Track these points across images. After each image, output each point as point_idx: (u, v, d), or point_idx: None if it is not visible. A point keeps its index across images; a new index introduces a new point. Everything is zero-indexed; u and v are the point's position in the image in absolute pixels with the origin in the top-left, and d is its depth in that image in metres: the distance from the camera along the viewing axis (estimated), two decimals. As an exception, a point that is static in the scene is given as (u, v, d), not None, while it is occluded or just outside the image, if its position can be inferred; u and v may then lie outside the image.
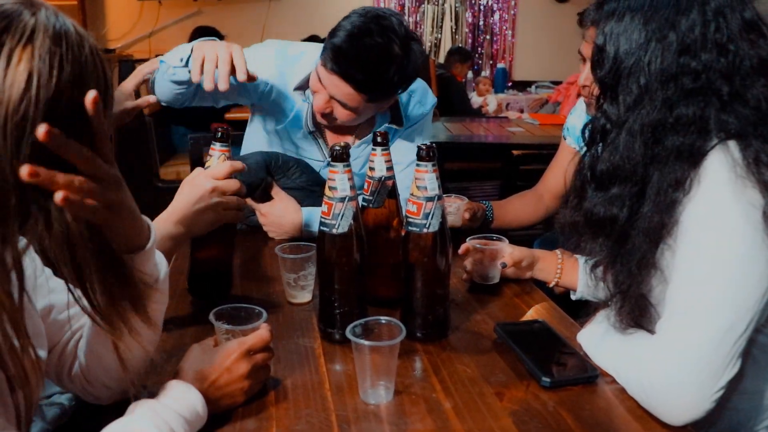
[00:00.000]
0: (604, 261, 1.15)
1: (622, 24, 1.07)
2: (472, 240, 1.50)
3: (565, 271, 1.50)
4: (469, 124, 4.15)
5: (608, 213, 1.09)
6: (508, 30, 7.10)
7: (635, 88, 1.06)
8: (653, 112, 1.05)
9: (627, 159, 1.06)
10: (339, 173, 1.15)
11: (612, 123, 1.09)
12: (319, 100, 1.70)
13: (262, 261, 1.64)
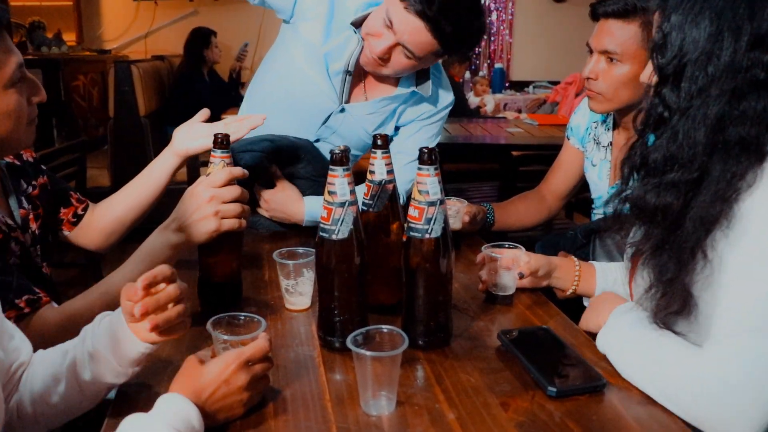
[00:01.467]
0: (649, 249, 1.13)
1: (691, 13, 1.06)
2: (486, 249, 1.46)
3: (582, 279, 1.48)
4: (467, 124, 4.12)
5: (662, 201, 1.08)
6: (505, 30, 7.08)
7: (702, 77, 1.05)
8: (719, 103, 1.04)
9: (687, 146, 1.05)
10: (339, 177, 1.12)
11: (671, 110, 1.08)
12: (383, 44, 1.65)
13: (260, 266, 1.61)
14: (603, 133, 1.90)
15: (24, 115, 1.21)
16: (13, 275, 1.17)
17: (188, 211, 1.25)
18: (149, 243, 1.27)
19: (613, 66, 1.69)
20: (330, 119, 1.87)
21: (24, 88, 1.20)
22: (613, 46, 1.66)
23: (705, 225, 1.04)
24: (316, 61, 1.81)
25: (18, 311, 1.14)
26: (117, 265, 3.93)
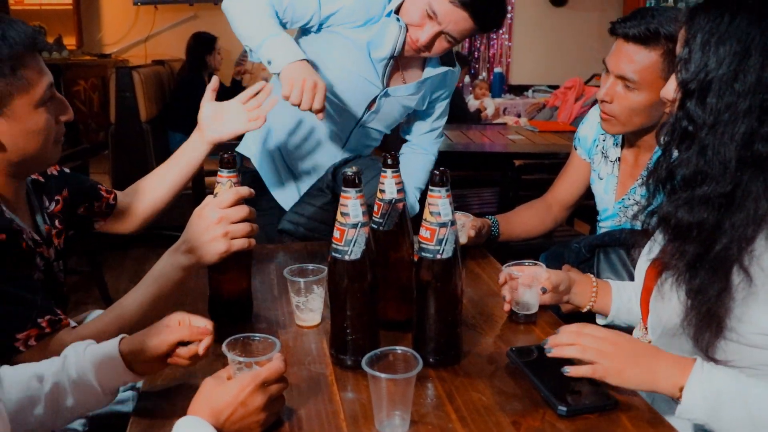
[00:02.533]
0: (684, 266, 1.13)
1: (717, 32, 1.08)
2: (508, 267, 1.45)
3: (599, 296, 1.48)
4: (468, 131, 4.13)
5: (696, 217, 1.09)
6: (504, 34, 7.09)
7: (729, 94, 1.07)
8: (748, 119, 1.06)
9: (718, 161, 1.07)
10: (351, 199, 1.14)
11: (696, 125, 1.10)
12: (427, 34, 1.80)
13: (269, 282, 1.62)
14: (611, 147, 1.90)
15: (52, 133, 1.26)
16: (38, 294, 1.19)
17: (197, 233, 1.26)
18: (160, 266, 1.28)
19: (629, 92, 1.65)
20: (375, 104, 1.99)
21: (53, 107, 1.25)
22: (631, 73, 1.62)
23: (745, 242, 1.06)
24: (359, 53, 1.90)
25: (39, 330, 1.16)
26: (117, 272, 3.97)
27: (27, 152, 1.23)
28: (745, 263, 1.06)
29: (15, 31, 1.17)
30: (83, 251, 3.59)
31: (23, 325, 1.14)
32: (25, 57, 1.18)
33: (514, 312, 1.43)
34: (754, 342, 1.08)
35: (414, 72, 2.03)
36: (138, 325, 1.20)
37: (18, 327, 1.13)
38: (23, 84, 1.18)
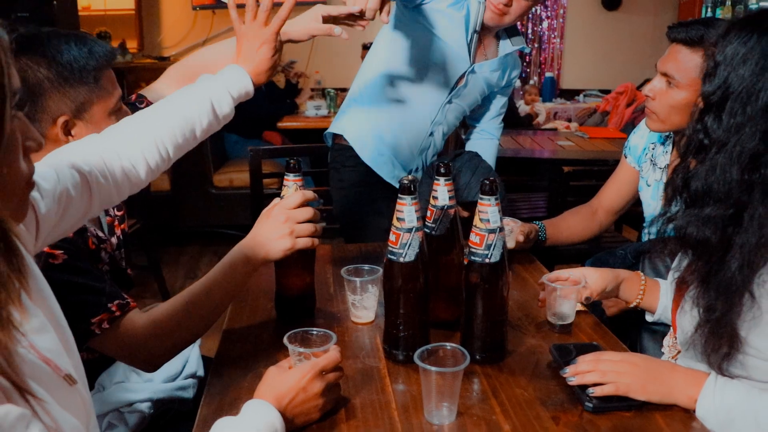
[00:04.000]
0: (695, 281, 1.18)
1: (744, 49, 1.11)
2: (546, 278, 1.49)
3: (647, 293, 1.52)
4: (518, 137, 4.18)
5: (702, 234, 1.13)
6: (556, 38, 7.08)
7: (740, 113, 1.10)
8: (754, 141, 1.08)
9: (723, 181, 1.10)
10: (407, 205, 1.23)
11: (711, 140, 1.13)
12: None
13: (327, 281, 1.72)
14: (661, 154, 1.95)
15: None
16: (105, 282, 1.30)
17: (265, 231, 1.36)
18: (228, 259, 1.38)
19: (670, 89, 1.74)
20: (464, 79, 2.17)
21: (120, 116, 1.38)
22: (673, 70, 1.72)
23: (752, 268, 1.08)
24: (456, 29, 2.09)
25: (110, 314, 1.26)
26: (173, 267, 4.13)
27: None
28: (754, 289, 1.09)
29: (99, 47, 1.33)
30: (141, 247, 3.76)
31: (96, 311, 1.24)
32: (105, 70, 1.34)
33: (550, 322, 1.48)
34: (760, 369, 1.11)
35: (492, 50, 2.24)
36: (205, 310, 1.32)
37: (92, 313, 1.23)
38: (103, 93, 1.33)
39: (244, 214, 4.14)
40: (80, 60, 1.29)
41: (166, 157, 1.28)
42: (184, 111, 1.30)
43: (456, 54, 2.13)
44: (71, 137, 1.32)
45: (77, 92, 1.30)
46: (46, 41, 1.28)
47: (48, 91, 1.27)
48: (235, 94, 1.37)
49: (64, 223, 1.07)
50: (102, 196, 1.16)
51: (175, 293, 1.40)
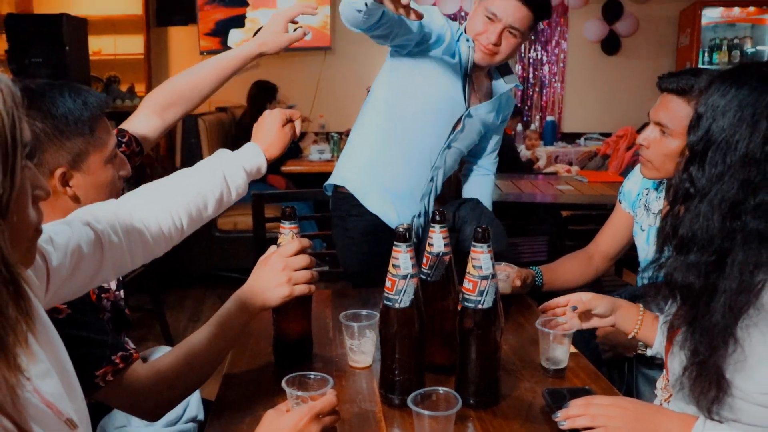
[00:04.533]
0: (681, 325, 1.21)
1: (723, 101, 1.15)
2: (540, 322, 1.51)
3: (644, 324, 1.54)
4: (519, 181, 4.23)
5: (686, 280, 1.15)
6: (557, 82, 7.20)
7: (720, 163, 1.13)
8: (733, 190, 1.11)
9: (705, 229, 1.13)
10: (402, 252, 1.27)
11: (695, 189, 1.17)
12: (495, 32, 2.06)
13: (326, 325, 1.75)
14: (654, 200, 1.99)
15: (116, 186, 1.43)
16: (108, 334, 1.33)
17: (263, 279, 1.40)
18: (227, 307, 1.41)
19: (664, 138, 1.78)
20: (461, 123, 2.21)
21: (117, 163, 1.43)
22: (666, 120, 1.76)
23: (733, 313, 1.11)
24: (450, 74, 2.14)
25: (114, 366, 1.29)
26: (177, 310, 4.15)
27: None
28: (738, 332, 1.11)
29: (94, 98, 1.37)
30: (145, 290, 3.79)
31: (99, 364, 1.26)
32: (100, 120, 1.38)
33: (544, 366, 1.50)
34: (760, 401, 1.12)
35: (485, 90, 2.28)
36: (206, 359, 1.35)
37: (95, 366, 1.26)
38: (98, 142, 1.36)
39: (248, 258, 4.17)
40: (75, 112, 1.32)
41: (179, 227, 1.31)
42: (198, 183, 1.35)
43: (452, 99, 2.17)
44: (69, 188, 1.34)
45: (73, 144, 1.32)
46: (41, 95, 1.31)
47: (45, 144, 1.29)
48: (248, 167, 1.42)
49: (76, 279, 1.10)
50: (114, 258, 1.18)
51: (178, 336, 1.43)
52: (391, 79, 2.20)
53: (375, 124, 2.25)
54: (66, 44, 5.06)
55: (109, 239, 1.16)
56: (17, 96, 0.72)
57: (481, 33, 2.08)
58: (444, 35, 2.09)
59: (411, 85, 2.17)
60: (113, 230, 1.18)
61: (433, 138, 2.22)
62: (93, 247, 1.12)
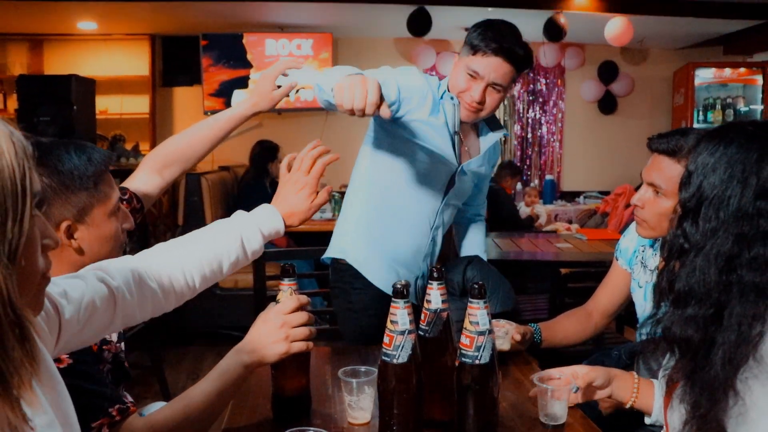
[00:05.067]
0: (681, 379, 1.22)
1: (713, 159, 1.19)
2: (537, 377, 1.51)
3: (641, 393, 1.55)
4: (518, 239, 4.26)
5: (684, 333, 1.17)
6: (555, 142, 7.30)
7: (713, 218, 1.16)
8: (728, 244, 1.14)
9: (702, 283, 1.15)
10: (400, 308, 1.29)
11: (690, 244, 1.19)
12: (478, 90, 2.05)
13: (325, 381, 1.75)
14: (650, 256, 2.01)
15: (120, 239, 1.48)
16: (107, 386, 1.34)
17: (261, 335, 1.41)
18: (224, 362, 1.42)
19: (658, 198, 1.81)
20: (455, 182, 2.20)
21: (120, 216, 1.48)
22: (659, 180, 1.79)
23: (733, 365, 1.12)
24: (438, 134, 2.12)
25: (110, 419, 1.29)
26: (176, 368, 4.12)
27: (100, 256, 1.42)
28: (738, 384, 1.12)
29: (98, 154, 1.43)
30: (144, 347, 3.78)
31: (96, 416, 1.27)
32: (103, 174, 1.43)
33: (543, 422, 1.50)
34: None
35: (473, 143, 2.27)
36: (203, 414, 1.36)
37: (92, 417, 1.26)
38: (102, 196, 1.42)
39: (249, 316, 4.14)
40: (80, 168, 1.38)
41: (192, 285, 1.33)
42: (214, 243, 1.37)
43: (443, 159, 2.14)
44: (74, 240, 1.39)
45: (78, 198, 1.38)
46: (48, 152, 1.36)
47: (51, 198, 1.34)
48: (266, 231, 1.44)
49: (86, 332, 1.12)
50: (125, 313, 1.21)
51: (177, 394, 1.43)
52: (377, 150, 2.17)
53: (369, 193, 2.22)
54: (74, 103, 5.17)
55: (122, 296, 1.19)
56: (28, 149, 0.77)
57: (464, 90, 2.07)
58: (426, 97, 2.07)
59: (399, 152, 2.13)
60: (127, 288, 1.20)
61: (429, 199, 2.20)
62: (106, 303, 1.15)
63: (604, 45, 6.12)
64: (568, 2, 5.46)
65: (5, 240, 0.72)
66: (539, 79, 7.23)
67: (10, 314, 0.71)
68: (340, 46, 6.78)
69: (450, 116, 2.11)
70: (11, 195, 0.72)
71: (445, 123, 2.11)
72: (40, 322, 0.96)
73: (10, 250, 0.72)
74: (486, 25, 2.04)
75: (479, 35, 2.02)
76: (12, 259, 0.72)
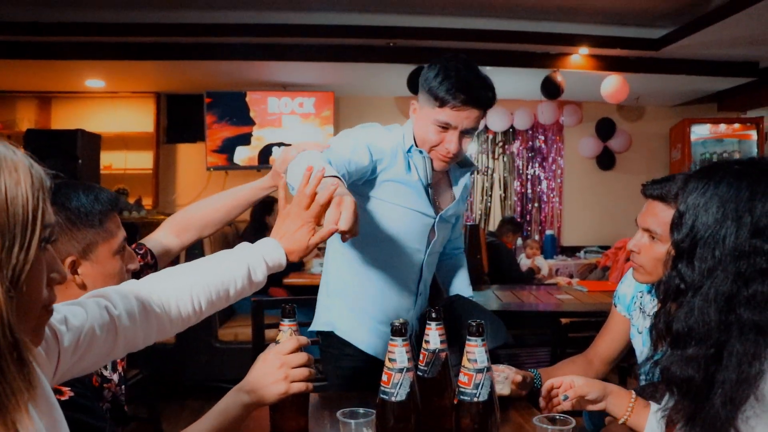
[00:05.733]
0: (682, 419, 1.21)
1: (703, 198, 1.20)
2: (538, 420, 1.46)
3: (635, 411, 1.55)
4: (519, 292, 4.27)
5: (685, 373, 1.17)
6: (555, 198, 7.36)
7: (710, 258, 1.17)
8: (726, 283, 1.15)
9: (702, 323, 1.15)
10: (398, 347, 1.30)
11: (686, 285, 1.20)
12: (453, 141, 1.98)
13: (324, 425, 1.74)
14: (649, 302, 2.02)
15: (123, 278, 1.50)
16: (105, 422, 1.34)
17: (260, 375, 1.42)
18: (223, 402, 1.43)
19: (653, 243, 1.82)
20: (435, 232, 2.14)
21: (125, 256, 1.52)
22: (654, 225, 1.81)
23: (734, 404, 1.11)
24: (412, 190, 2.06)
25: None
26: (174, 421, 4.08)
27: None
28: (739, 424, 1.12)
29: (104, 194, 1.49)
30: (143, 400, 3.75)
31: None
32: (110, 214, 1.49)
33: None
34: None
35: (445, 186, 2.21)
36: None
37: None
38: (107, 235, 1.47)
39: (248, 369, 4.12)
40: (87, 206, 1.44)
41: (198, 310, 1.32)
42: (222, 271, 1.36)
43: (420, 213, 2.09)
44: (77, 276, 1.43)
45: (84, 235, 1.43)
46: (57, 190, 1.38)
47: (57, 234, 1.37)
48: (270, 262, 1.43)
49: (87, 360, 1.12)
50: (127, 339, 1.20)
51: (174, 447, 1.43)
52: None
53: (348, 262, 2.15)
54: (79, 157, 5.25)
55: (124, 324, 1.18)
56: (46, 183, 0.81)
57: (436, 144, 2.01)
58: (396, 155, 2.02)
59: (376, 214, 2.06)
60: (130, 314, 1.19)
61: (412, 255, 2.14)
62: (106, 331, 1.15)
63: (601, 102, 6.24)
64: (564, 61, 5.59)
65: (10, 265, 0.75)
66: (538, 136, 7.34)
67: (8, 337, 0.74)
68: (342, 104, 6.91)
69: (422, 170, 2.04)
70: (21, 223, 0.76)
71: (419, 178, 2.05)
72: (39, 350, 0.98)
73: (13, 276, 0.75)
74: (446, 74, 1.95)
75: (444, 88, 1.93)
76: (14, 284, 0.75)
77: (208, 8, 4.94)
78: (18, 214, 0.76)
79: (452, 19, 5.09)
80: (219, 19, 5.01)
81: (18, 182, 0.77)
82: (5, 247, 0.75)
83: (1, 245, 0.74)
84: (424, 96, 2.00)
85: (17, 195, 0.76)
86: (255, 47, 5.34)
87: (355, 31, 5.09)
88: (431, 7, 4.95)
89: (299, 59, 5.48)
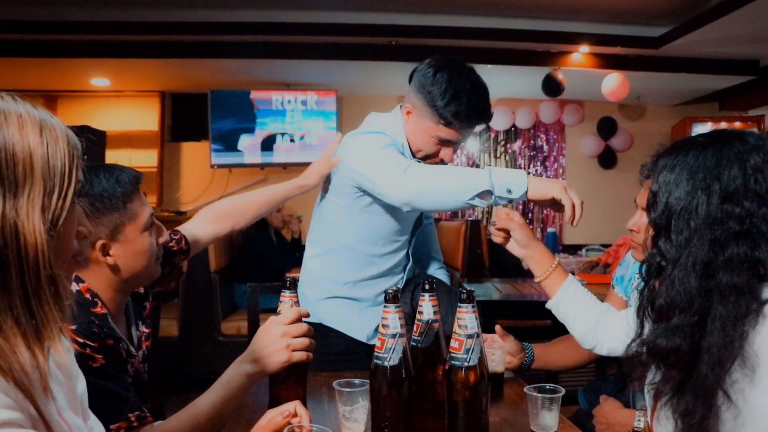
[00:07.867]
0: (670, 390, 1.23)
1: (673, 174, 1.24)
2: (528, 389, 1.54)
3: (552, 276, 1.79)
4: (519, 284, 4.30)
5: (671, 344, 1.19)
6: (557, 196, 7.37)
7: (685, 229, 1.20)
8: (703, 251, 1.18)
9: (683, 292, 1.18)
10: (391, 313, 1.34)
11: (666, 260, 1.23)
12: (448, 154, 2.05)
13: (321, 396, 1.79)
14: None
15: (154, 252, 1.58)
16: (131, 392, 1.41)
17: (263, 345, 1.46)
18: (228, 373, 1.48)
19: None
20: (423, 229, 2.27)
21: (153, 231, 1.58)
22: None
23: (722, 367, 1.14)
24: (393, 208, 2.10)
25: (128, 423, 1.36)
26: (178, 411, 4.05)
27: (135, 270, 1.53)
28: (726, 387, 1.14)
29: (125, 175, 1.52)
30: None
31: (117, 418, 1.34)
32: (132, 194, 1.52)
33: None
34: None
35: None
36: (209, 424, 1.41)
37: (113, 419, 1.33)
38: (132, 215, 1.51)
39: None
40: (109, 190, 1.48)
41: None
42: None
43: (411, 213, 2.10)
44: (110, 257, 1.48)
45: (109, 219, 1.48)
46: None
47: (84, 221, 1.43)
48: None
49: None
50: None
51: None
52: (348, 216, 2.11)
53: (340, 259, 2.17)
54: (84, 154, 5.29)
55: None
56: (78, 146, 0.95)
57: (434, 155, 2.05)
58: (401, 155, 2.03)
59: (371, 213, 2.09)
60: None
61: (400, 247, 2.20)
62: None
63: (603, 101, 6.28)
64: (565, 59, 5.63)
65: (50, 209, 0.87)
66: (540, 135, 7.37)
67: (48, 269, 0.85)
68: (345, 103, 6.96)
69: None
70: (59, 174, 0.89)
71: None
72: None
73: (53, 218, 0.87)
74: (455, 95, 1.93)
75: (451, 111, 1.93)
76: (54, 225, 0.87)
77: (212, 7, 5.01)
78: (56, 167, 0.88)
79: (454, 18, 5.13)
80: (223, 18, 5.07)
81: (57, 140, 0.89)
82: (47, 193, 0.86)
83: (43, 191, 0.86)
84: (425, 109, 1.99)
85: (56, 150, 0.89)
86: (259, 46, 5.40)
87: (358, 29, 5.14)
88: (433, 5, 5.01)
89: (303, 57, 5.53)
